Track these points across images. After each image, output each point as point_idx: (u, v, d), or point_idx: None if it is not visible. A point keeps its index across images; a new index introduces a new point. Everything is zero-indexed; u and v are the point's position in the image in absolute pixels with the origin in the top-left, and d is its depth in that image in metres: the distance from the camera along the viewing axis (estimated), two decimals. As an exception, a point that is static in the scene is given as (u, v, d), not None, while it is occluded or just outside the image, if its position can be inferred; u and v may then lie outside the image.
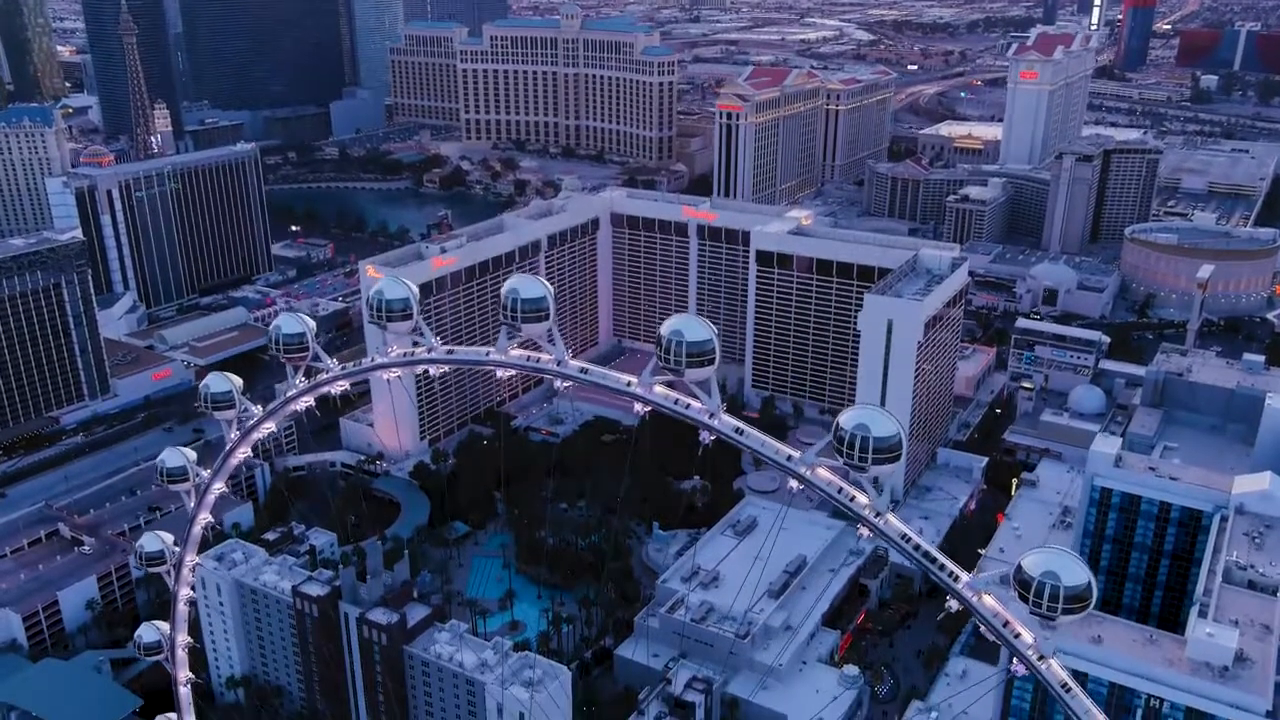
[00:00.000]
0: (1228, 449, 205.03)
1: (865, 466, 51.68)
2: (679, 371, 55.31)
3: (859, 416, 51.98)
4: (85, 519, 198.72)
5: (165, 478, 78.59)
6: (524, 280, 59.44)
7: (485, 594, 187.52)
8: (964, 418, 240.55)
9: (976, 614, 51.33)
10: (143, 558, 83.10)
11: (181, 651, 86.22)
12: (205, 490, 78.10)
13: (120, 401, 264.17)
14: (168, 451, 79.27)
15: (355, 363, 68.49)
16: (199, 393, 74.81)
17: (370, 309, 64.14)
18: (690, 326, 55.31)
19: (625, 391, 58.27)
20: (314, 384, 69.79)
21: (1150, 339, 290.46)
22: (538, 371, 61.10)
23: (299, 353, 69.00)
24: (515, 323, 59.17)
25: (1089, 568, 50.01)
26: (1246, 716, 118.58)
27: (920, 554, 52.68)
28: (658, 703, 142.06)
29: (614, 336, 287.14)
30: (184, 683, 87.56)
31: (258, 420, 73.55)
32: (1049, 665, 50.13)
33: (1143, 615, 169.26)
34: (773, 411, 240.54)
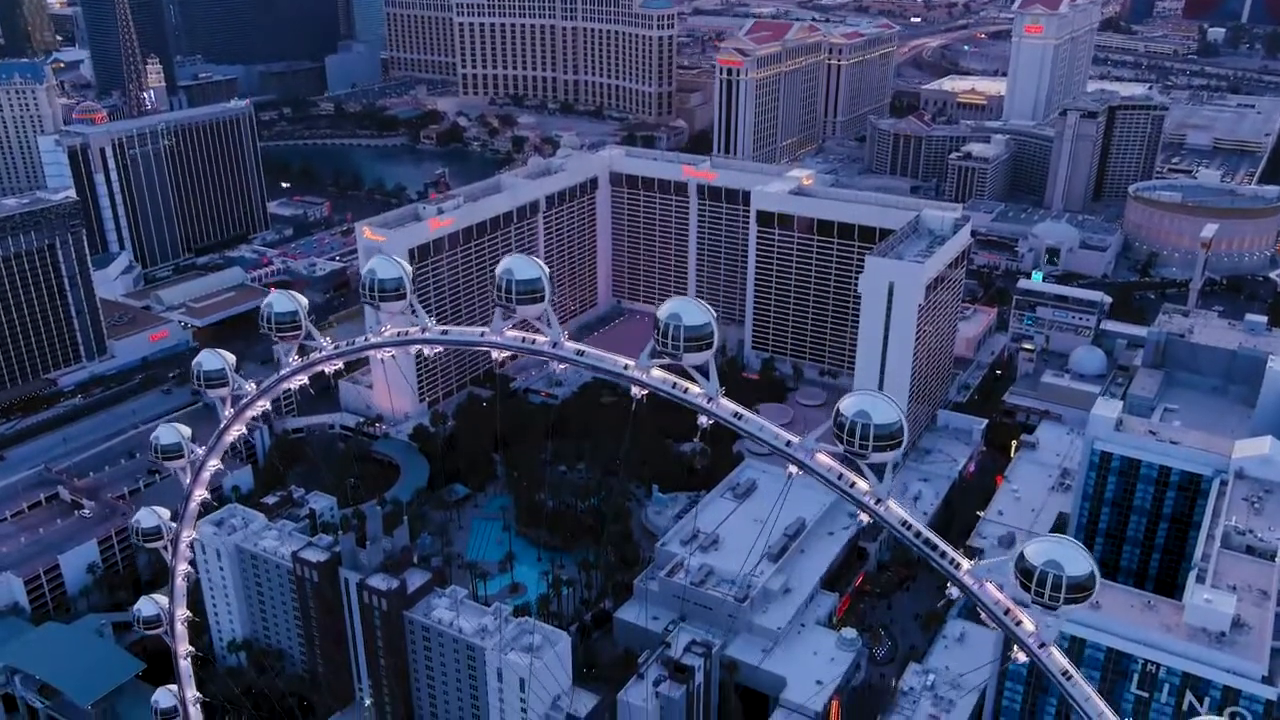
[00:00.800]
0: (1229, 411, 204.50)
1: (866, 454, 50.86)
2: (677, 356, 54.33)
3: (859, 403, 51.14)
4: (85, 482, 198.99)
5: (160, 454, 78.02)
6: (519, 261, 58.28)
7: (485, 556, 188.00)
8: (964, 379, 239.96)
9: (978, 601, 50.85)
10: (139, 534, 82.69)
11: (181, 625, 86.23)
12: (200, 467, 77.45)
13: (118, 363, 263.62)
14: (162, 428, 78.59)
15: (349, 341, 67.53)
16: (191, 370, 73.77)
17: (363, 288, 63.08)
18: (688, 310, 54.27)
19: (623, 375, 57.35)
20: (308, 363, 69.01)
21: (1152, 298, 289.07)
22: (534, 353, 60.14)
23: (291, 331, 68.23)
24: (510, 304, 58.08)
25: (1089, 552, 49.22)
26: (1242, 681, 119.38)
27: (921, 540, 52.12)
28: (657, 666, 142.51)
29: (613, 298, 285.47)
30: (184, 655, 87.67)
31: (251, 398, 72.78)
32: (1050, 653, 49.71)
33: (1140, 578, 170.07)
34: (772, 373, 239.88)
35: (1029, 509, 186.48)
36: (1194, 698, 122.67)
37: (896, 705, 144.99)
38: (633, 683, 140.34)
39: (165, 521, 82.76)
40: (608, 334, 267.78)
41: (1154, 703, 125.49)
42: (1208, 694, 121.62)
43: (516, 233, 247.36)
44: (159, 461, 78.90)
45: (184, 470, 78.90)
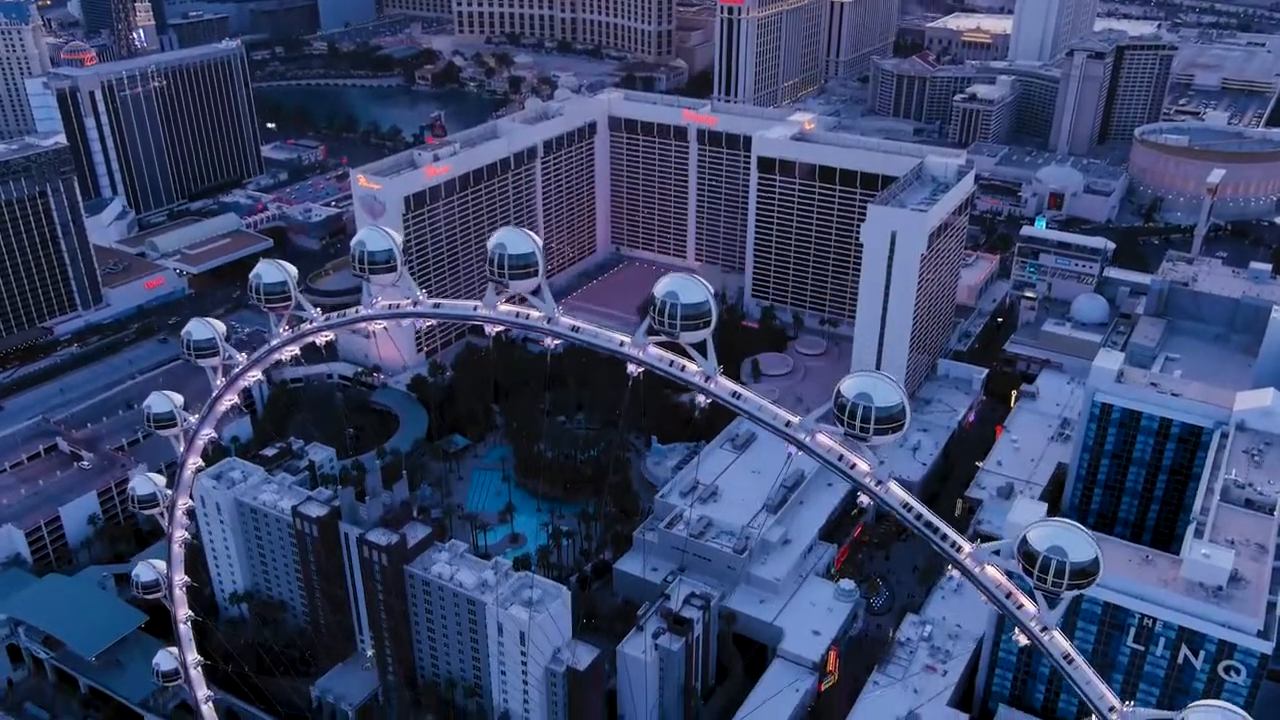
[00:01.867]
0: (1230, 360, 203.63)
1: (866, 437, 49.84)
2: (674, 334, 53.05)
3: (861, 385, 50.06)
4: (83, 433, 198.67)
5: (153, 423, 77.04)
6: (512, 235, 56.74)
7: (485, 507, 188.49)
8: (965, 327, 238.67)
9: (979, 585, 50.29)
10: (135, 500, 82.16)
11: (179, 590, 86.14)
12: (194, 436, 76.64)
13: (113, 311, 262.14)
14: (154, 396, 77.61)
15: (340, 313, 66.22)
16: (181, 339, 72.50)
17: (354, 261, 61.57)
18: (686, 288, 52.94)
19: (618, 353, 56.24)
20: (298, 334, 67.88)
21: (1156, 244, 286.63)
22: (527, 329, 58.95)
23: (281, 302, 66.84)
24: (503, 279, 56.64)
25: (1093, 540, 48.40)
26: (1238, 635, 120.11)
27: (922, 523, 51.40)
28: (656, 618, 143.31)
29: (612, 245, 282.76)
30: (184, 620, 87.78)
31: (243, 369, 71.73)
32: (1052, 636, 49.24)
33: (1138, 529, 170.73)
34: (772, 322, 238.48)
35: (1028, 459, 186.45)
36: (1189, 651, 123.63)
37: (894, 656, 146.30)
38: (632, 635, 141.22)
39: (160, 489, 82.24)
40: (606, 282, 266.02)
41: (1149, 656, 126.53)
42: (1203, 648, 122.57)
43: (514, 180, 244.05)
44: (152, 429, 78.03)
45: (177, 439, 78.06)
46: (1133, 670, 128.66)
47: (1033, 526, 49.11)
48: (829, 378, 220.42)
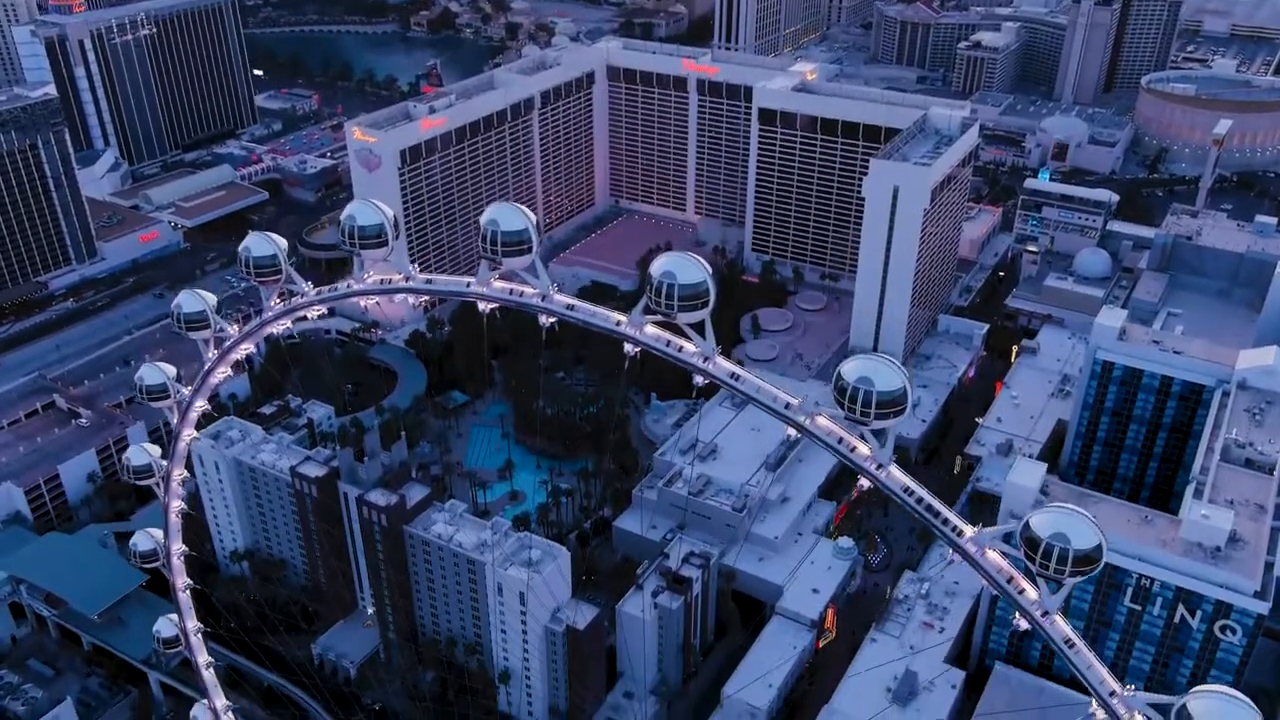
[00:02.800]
0: (1232, 314, 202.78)
1: (867, 421, 48.81)
2: (670, 315, 51.82)
3: (862, 368, 48.75)
4: (80, 390, 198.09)
5: (145, 395, 75.84)
6: (504, 211, 55.16)
7: (484, 464, 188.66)
8: (966, 281, 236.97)
9: (980, 570, 49.67)
10: (130, 471, 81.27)
11: (177, 560, 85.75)
12: (187, 408, 75.62)
13: (108, 265, 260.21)
14: (146, 368, 76.19)
15: (331, 288, 64.81)
16: (171, 313, 71.16)
17: (342, 235, 60.07)
18: (683, 267, 51.56)
19: (614, 332, 54.88)
20: (289, 308, 66.39)
21: (1160, 196, 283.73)
22: (522, 306, 57.61)
23: (272, 276, 65.28)
24: (495, 257, 55.24)
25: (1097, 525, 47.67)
26: (1235, 596, 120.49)
27: (924, 507, 50.58)
28: (655, 577, 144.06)
29: (611, 197, 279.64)
30: (183, 589, 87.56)
31: (234, 341, 70.40)
32: (1053, 621, 48.72)
33: (1136, 486, 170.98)
34: (772, 276, 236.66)
35: (1028, 416, 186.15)
36: (1186, 611, 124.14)
37: (891, 613, 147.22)
38: (631, 593, 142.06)
39: (155, 459, 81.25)
40: (605, 235, 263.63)
41: (1146, 615, 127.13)
42: (1200, 608, 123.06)
43: (511, 132, 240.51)
44: (145, 401, 76.94)
45: (171, 410, 77.00)
46: (1129, 629, 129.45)
47: (1035, 512, 48.22)
48: (829, 333, 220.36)
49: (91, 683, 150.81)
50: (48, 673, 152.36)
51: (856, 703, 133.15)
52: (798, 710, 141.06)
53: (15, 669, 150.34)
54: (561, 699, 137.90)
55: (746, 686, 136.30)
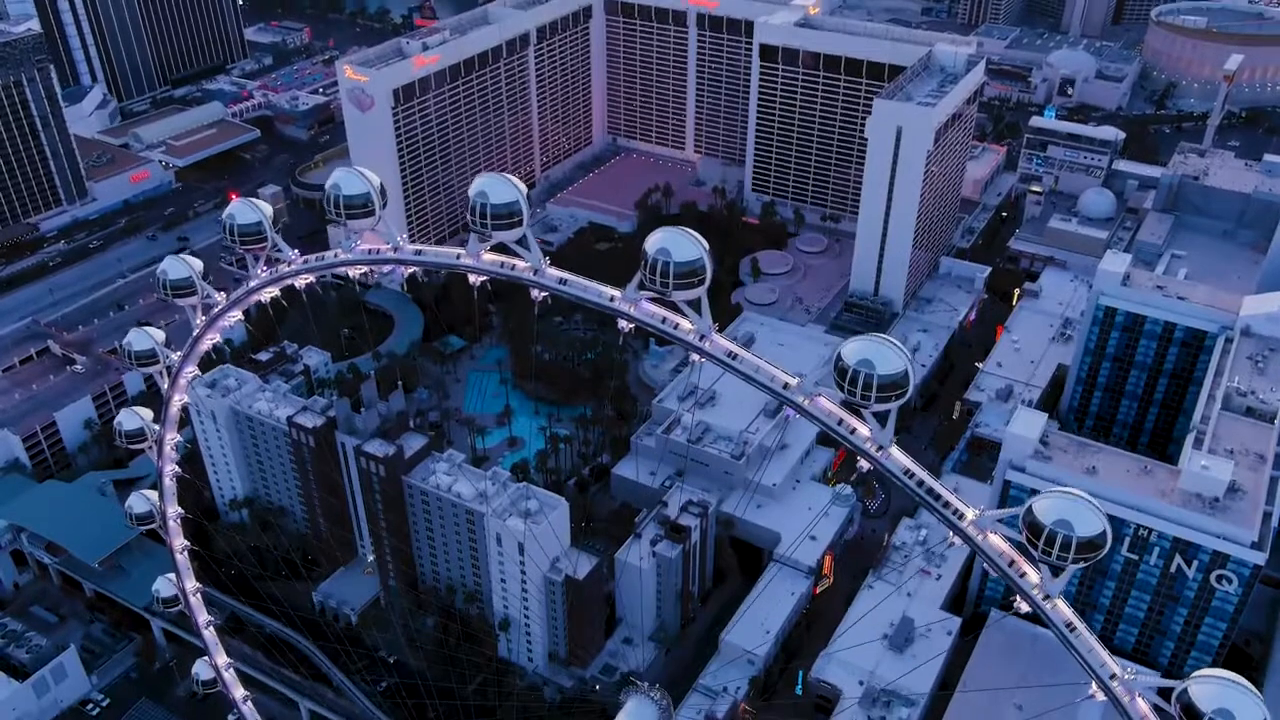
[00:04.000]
0: (1237, 256, 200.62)
1: (867, 404, 47.67)
2: (665, 293, 50.33)
3: (863, 350, 47.47)
4: (74, 336, 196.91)
5: (134, 361, 74.78)
6: (493, 183, 53.34)
7: (482, 409, 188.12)
8: (969, 223, 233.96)
9: (981, 553, 48.96)
10: (123, 436, 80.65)
11: (174, 523, 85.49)
12: (177, 374, 74.54)
13: (100, 206, 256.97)
14: (134, 333, 75.05)
15: (319, 256, 63.24)
16: (156, 279, 69.64)
17: (328, 205, 58.26)
18: (678, 244, 49.83)
19: (608, 308, 53.49)
20: (276, 276, 65.00)
21: (1168, 133, 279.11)
22: (513, 279, 56.03)
23: (257, 243, 63.69)
24: (485, 230, 53.54)
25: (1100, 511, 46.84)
26: (1232, 546, 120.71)
27: (924, 490, 49.68)
28: (654, 526, 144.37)
29: (609, 135, 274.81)
30: (180, 550, 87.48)
31: (222, 309, 69.15)
32: (1054, 605, 48.17)
33: (1135, 431, 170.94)
34: (773, 217, 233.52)
35: (1028, 361, 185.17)
36: (1183, 561, 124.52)
37: (889, 559, 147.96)
38: (630, 542, 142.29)
39: (148, 423, 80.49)
40: (604, 174, 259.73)
41: (1143, 565, 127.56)
42: (1196, 558, 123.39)
43: (506, 69, 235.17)
44: (134, 367, 75.82)
45: (160, 375, 75.91)
46: (1125, 577, 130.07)
47: (1039, 497, 47.30)
48: (829, 276, 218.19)
49: (95, 629, 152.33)
50: (51, 619, 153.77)
51: (853, 649, 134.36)
52: (795, 656, 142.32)
53: (18, 616, 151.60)
54: (561, 646, 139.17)
55: (744, 633, 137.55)
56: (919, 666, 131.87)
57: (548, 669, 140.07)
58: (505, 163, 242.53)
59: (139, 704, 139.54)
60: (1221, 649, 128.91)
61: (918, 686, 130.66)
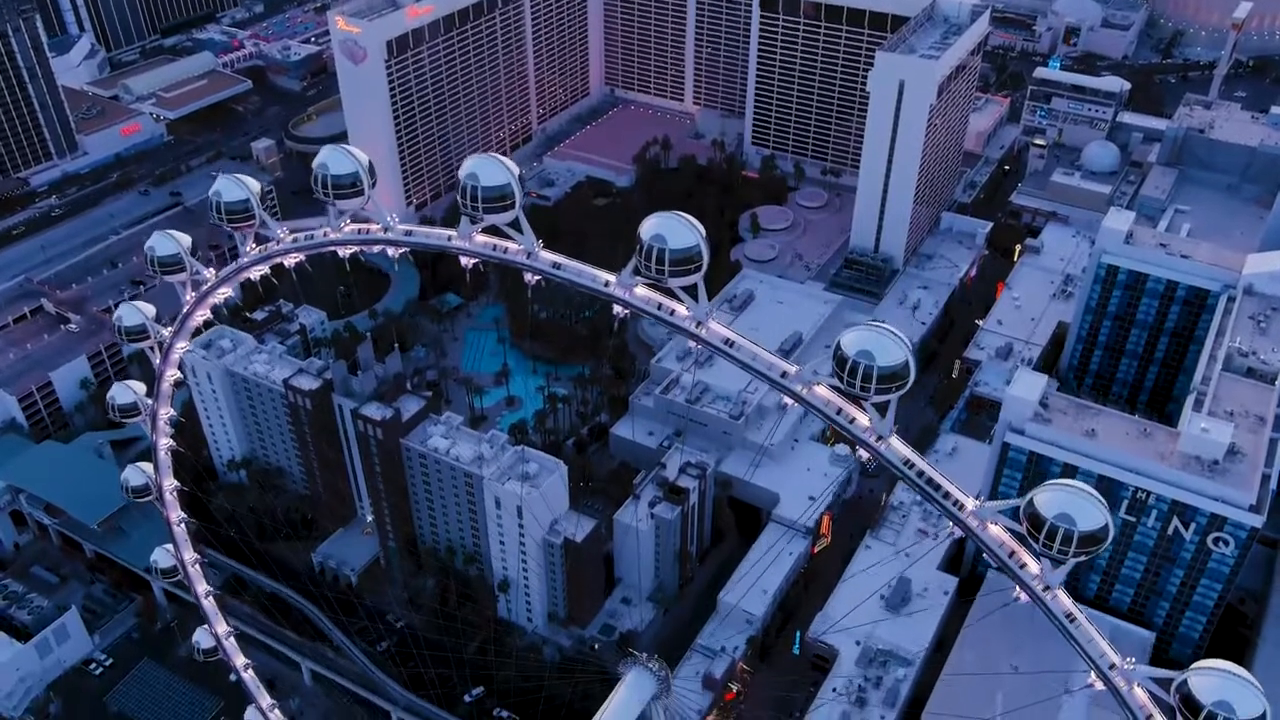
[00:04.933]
0: (1241, 211, 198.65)
1: (866, 396, 46.83)
2: (660, 280, 49.24)
3: (862, 341, 46.48)
4: (68, 294, 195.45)
5: (124, 336, 73.88)
6: (484, 165, 51.98)
7: (480, 368, 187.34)
8: (971, 176, 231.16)
9: (982, 544, 48.51)
10: (115, 410, 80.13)
11: (170, 495, 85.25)
12: (168, 349, 73.63)
13: (90, 160, 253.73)
14: (124, 308, 74.00)
15: (307, 235, 61.97)
16: (144, 254, 68.37)
17: (316, 184, 56.86)
18: (674, 230, 48.64)
19: (603, 293, 52.47)
20: (265, 255, 63.92)
21: (1174, 83, 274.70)
22: (505, 263, 54.89)
23: (245, 221, 62.40)
24: (476, 213, 52.29)
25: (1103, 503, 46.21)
26: (1230, 510, 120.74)
27: (924, 481, 49.05)
28: (652, 487, 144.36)
29: (606, 86, 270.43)
30: (177, 523, 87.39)
31: (211, 286, 68.07)
32: (1054, 596, 47.81)
33: (1135, 390, 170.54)
34: (773, 171, 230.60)
35: (1028, 318, 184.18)
36: (1180, 524, 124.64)
37: (886, 520, 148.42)
38: (628, 504, 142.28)
39: (140, 397, 79.84)
40: (601, 127, 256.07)
41: (1140, 527, 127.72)
42: (1194, 520, 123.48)
43: (502, 19, 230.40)
44: (124, 341, 74.84)
45: (152, 350, 74.99)
46: (1122, 540, 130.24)
47: (1040, 490, 46.62)
48: (830, 232, 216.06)
49: (95, 590, 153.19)
50: (52, 579, 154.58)
51: (850, 609, 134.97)
52: (792, 616, 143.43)
53: (19, 577, 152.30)
54: (560, 606, 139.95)
55: (742, 593, 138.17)
56: (916, 627, 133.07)
57: (547, 629, 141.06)
58: (501, 116, 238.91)
59: (141, 664, 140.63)
60: (1216, 609, 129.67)
61: (914, 646, 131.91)
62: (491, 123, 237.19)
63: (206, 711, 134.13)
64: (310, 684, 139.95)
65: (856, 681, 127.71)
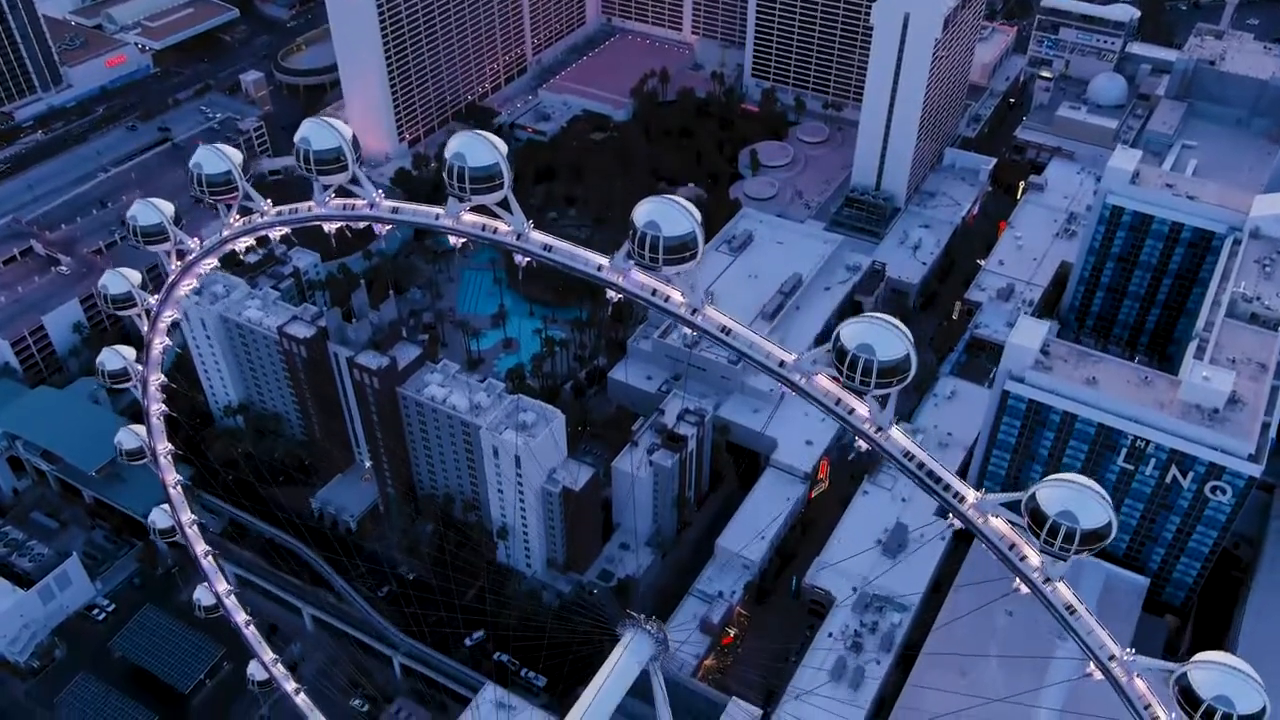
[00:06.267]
0: (1250, 146, 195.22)
1: (866, 390, 45.61)
2: (654, 268, 47.68)
3: (863, 334, 45.06)
4: (58, 234, 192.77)
5: (110, 304, 72.35)
6: (471, 144, 50.06)
7: (477, 310, 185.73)
8: (976, 110, 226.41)
9: (982, 537, 47.76)
10: (106, 375, 78.92)
11: (165, 459, 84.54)
12: (156, 317, 72.22)
13: (75, 93, 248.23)
14: (109, 276, 72.26)
15: (292, 209, 60.01)
16: (126, 225, 66.48)
17: (298, 159, 54.83)
18: (668, 217, 46.86)
19: (596, 278, 50.81)
20: (250, 227, 61.96)
21: (1184, 10, 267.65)
22: (495, 244, 53.19)
23: (227, 193, 60.42)
24: (463, 194, 50.47)
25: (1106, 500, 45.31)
26: (1228, 459, 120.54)
27: (924, 473, 48.11)
28: (651, 434, 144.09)
29: (603, 15, 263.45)
30: (173, 485, 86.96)
31: (196, 256, 66.41)
32: (1055, 588, 47.24)
33: (1136, 332, 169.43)
34: (773, 104, 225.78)
35: (1030, 258, 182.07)
36: (1179, 472, 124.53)
37: (884, 465, 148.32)
38: (627, 451, 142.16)
39: (130, 362, 78.58)
40: (598, 58, 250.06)
41: (1138, 475, 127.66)
42: (1192, 469, 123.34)
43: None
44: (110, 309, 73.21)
45: (140, 318, 73.46)
46: (1119, 487, 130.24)
47: (1043, 485, 45.61)
48: (831, 168, 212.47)
49: (96, 535, 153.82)
50: (52, 525, 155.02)
51: (847, 554, 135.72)
52: (789, 561, 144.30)
53: (19, 523, 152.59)
54: (559, 552, 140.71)
55: (740, 538, 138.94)
56: (912, 572, 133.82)
57: (546, 574, 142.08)
58: (495, 47, 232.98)
59: (144, 610, 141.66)
60: (1211, 555, 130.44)
61: (910, 591, 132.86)
62: (485, 54, 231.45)
63: (210, 657, 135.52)
64: (312, 629, 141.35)
65: (852, 627, 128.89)
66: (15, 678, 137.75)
